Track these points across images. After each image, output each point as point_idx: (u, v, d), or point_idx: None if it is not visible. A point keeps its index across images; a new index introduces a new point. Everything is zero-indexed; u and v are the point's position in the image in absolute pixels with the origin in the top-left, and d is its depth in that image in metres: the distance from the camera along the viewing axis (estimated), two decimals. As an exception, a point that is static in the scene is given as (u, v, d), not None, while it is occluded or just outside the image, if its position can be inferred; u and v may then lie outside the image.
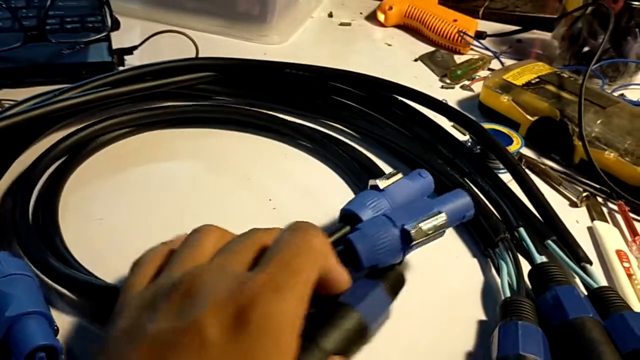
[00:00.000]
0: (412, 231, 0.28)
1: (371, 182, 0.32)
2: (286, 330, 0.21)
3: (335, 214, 0.32)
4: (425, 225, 0.29)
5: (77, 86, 0.42)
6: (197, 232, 0.26)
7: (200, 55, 0.52)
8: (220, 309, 0.20)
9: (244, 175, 0.42)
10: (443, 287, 0.33)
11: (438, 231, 0.29)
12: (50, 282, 0.31)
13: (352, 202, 0.32)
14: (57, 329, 0.27)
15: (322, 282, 0.24)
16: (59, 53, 0.51)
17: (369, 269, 0.29)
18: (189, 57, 0.49)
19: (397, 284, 0.28)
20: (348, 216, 0.32)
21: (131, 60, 0.53)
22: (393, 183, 0.32)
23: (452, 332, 0.31)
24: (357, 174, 0.41)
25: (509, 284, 0.32)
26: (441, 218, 0.29)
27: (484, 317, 0.32)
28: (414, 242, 0.28)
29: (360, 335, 0.25)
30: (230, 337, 0.20)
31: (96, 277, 0.31)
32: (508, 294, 0.31)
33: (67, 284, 0.31)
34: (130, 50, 0.53)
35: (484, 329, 0.31)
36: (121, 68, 0.52)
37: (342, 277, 0.25)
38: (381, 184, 0.32)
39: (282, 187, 0.41)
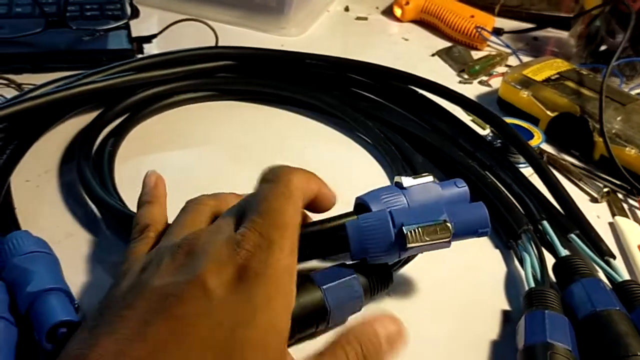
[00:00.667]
0: (408, 234, 0.27)
1: (396, 178, 0.31)
2: (283, 277, 0.22)
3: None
4: (425, 230, 0.27)
5: (100, 71, 0.42)
6: (193, 201, 0.28)
7: (219, 45, 0.52)
8: (221, 266, 0.22)
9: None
10: (466, 278, 0.33)
11: (439, 240, 0.27)
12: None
13: (368, 193, 0.31)
14: (78, 306, 0.27)
15: (310, 203, 0.28)
16: (79, 39, 0.51)
17: (360, 259, 0.29)
18: (210, 46, 0.49)
19: (376, 283, 0.29)
20: (361, 206, 0.31)
21: (150, 49, 0.54)
22: (420, 184, 0.31)
23: (477, 321, 0.31)
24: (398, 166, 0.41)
25: (532, 275, 0.32)
26: (445, 227, 0.27)
27: (507, 307, 0.32)
28: (409, 246, 0.27)
29: (318, 315, 0.27)
30: (232, 288, 0.21)
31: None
32: (532, 285, 0.31)
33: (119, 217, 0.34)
34: (149, 39, 0.54)
35: (508, 319, 0.31)
36: (140, 55, 0.52)
37: (328, 195, 0.29)
38: (405, 182, 0.31)
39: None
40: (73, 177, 0.38)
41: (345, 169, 0.43)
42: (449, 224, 0.28)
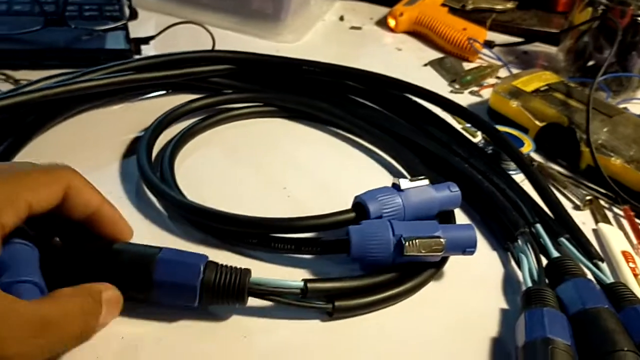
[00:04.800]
0: (406, 244, 0.31)
1: (394, 180, 0.34)
2: None
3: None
4: (422, 243, 0.31)
5: (99, 69, 0.43)
6: None
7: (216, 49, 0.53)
8: None
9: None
10: (465, 278, 0.34)
11: (432, 253, 0.31)
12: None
13: (366, 193, 0.34)
14: None
15: (92, 221, 0.27)
16: (78, 38, 0.51)
17: (357, 261, 0.32)
18: (208, 49, 0.50)
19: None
20: (358, 205, 0.34)
21: (147, 51, 0.54)
22: (416, 187, 0.34)
23: (476, 320, 0.32)
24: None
25: (530, 276, 0.33)
26: (439, 242, 0.31)
27: (505, 306, 0.33)
28: (407, 254, 0.31)
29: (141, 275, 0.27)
30: None
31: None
32: (530, 284, 0.32)
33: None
34: (147, 40, 0.54)
35: (506, 317, 0.32)
36: (138, 56, 0.52)
37: (114, 220, 0.28)
38: (403, 184, 0.34)
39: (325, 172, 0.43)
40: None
41: (346, 174, 0.43)
42: (442, 240, 0.31)
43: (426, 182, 0.35)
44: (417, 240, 0.31)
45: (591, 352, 0.28)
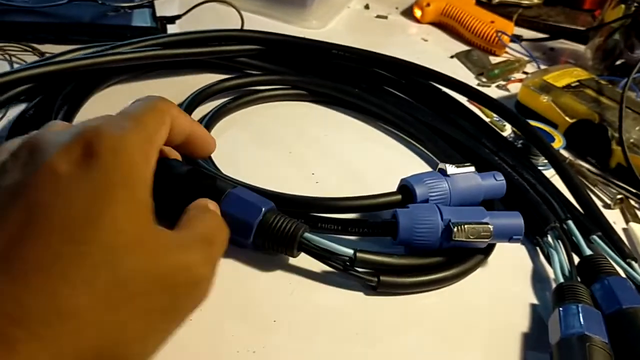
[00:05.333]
0: (455, 229, 0.30)
1: (440, 165, 0.34)
2: (134, 160, 0.21)
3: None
4: (470, 229, 0.30)
5: (129, 43, 0.42)
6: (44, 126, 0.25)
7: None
8: (68, 148, 0.20)
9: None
10: (494, 272, 0.33)
11: (479, 239, 0.31)
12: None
13: (413, 176, 0.33)
14: None
15: (187, 143, 0.28)
16: (104, 14, 0.51)
17: (404, 244, 0.31)
18: (237, 28, 0.49)
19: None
20: (404, 187, 0.33)
21: (172, 30, 0.53)
22: (462, 173, 0.34)
23: (505, 314, 0.31)
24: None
25: (561, 272, 0.32)
26: (487, 229, 0.31)
27: (535, 301, 0.32)
28: (454, 240, 0.30)
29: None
30: (82, 169, 0.20)
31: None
32: (561, 280, 0.32)
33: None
34: (173, 19, 0.53)
35: (537, 312, 0.32)
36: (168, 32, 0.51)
37: (204, 136, 0.29)
38: (449, 169, 0.33)
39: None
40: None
41: (376, 162, 0.43)
42: (490, 227, 0.31)
43: (472, 168, 0.34)
44: (465, 226, 0.30)
45: (628, 352, 0.27)
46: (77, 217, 0.19)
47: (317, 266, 0.30)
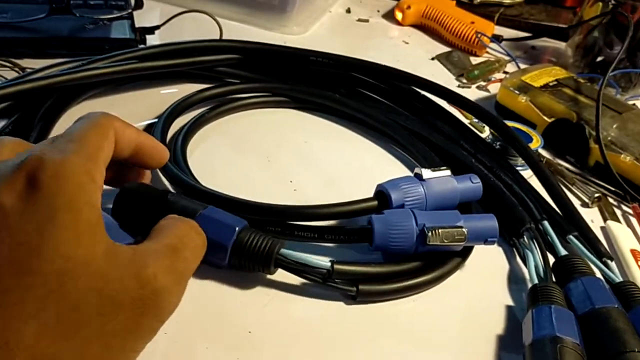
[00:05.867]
0: (429, 233, 0.31)
1: (417, 169, 0.34)
2: (78, 181, 0.21)
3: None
4: (444, 233, 0.31)
5: (105, 57, 0.42)
6: None
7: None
8: (11, 182, 0.20)
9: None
10: (470, 273, 0.34)
11: (454, 243, 0.31)
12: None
13: (389, 181, 0.34)
14: None
15: (136, 154, 0.27)
16: (82, 27, 0.51)
17: (380, 250, 0.32)
18: (215, 38, 0.49)
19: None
20: (381, 193, 0.34)
21: (152, 41, 0.53)
22: (438, 177, 0.34)
23: (481, 315, 0.32)
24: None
25: (536, 273, 0.33)
26: (461, 232, 0.31)
27: (511, 303, 0.33)
28: (428, 244, 0.31)
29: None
30: (27, 201, 0.19)
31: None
32: (536, 281, 0.32)
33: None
34: (152, 30, 0.54)
35: (512, 314, 0.32)
36: (143, 46, 0.52)
37: (154, 145, 0.28)
38: (425, 173, 0.33)
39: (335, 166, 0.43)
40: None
41: (355, 167, 0.43)
42: (464, 230, 0.31)
43: (448, 172, 0.35)
44: (440, 230, 0.31)
45: (601, 352, 0.28)
46: (23, 249, 0.19)
47: (295, 278, 0.31)
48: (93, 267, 0.20)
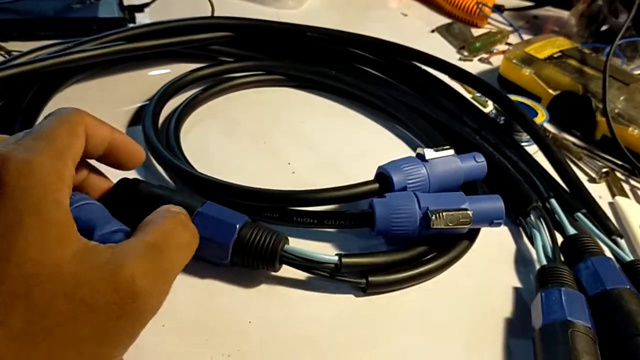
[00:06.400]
0: (433, 217, 0.29)
1: (419, 150, 0.33)
2: (45, 180, 0.20)
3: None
4: (448, 216, 0.29)
5: (93, 39, 0.41)
6: None
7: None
8: None
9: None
10: (476, 255, 0.33)
11: (459, 226, 0.30)
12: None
13: (390, 163, 0.32)
14: None
15: (109, 153, 0.25)
16: (69, 7, 0.49)
17: (382, 234, 0.31)
18: (206, 16, 0.47)
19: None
20: (382, 175, 0.32)
21: (141, 19, 0.52)
22: (441, 157, 0.32)
23: (489, 299, 0.31)
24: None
25: (544, 253, 0.32)
26: (466, 215, 0.30)
27: (519, 285, 0.32)
28: (434, 227, 0.29)
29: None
30: None
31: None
32: (544, 262, 0.31)
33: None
34: (141, 8, 0.52)
35: (520, 296, 0.31)
36: (132, 25, 0.50)
37: (128, 144, 0.26)
38: (427, 154, 0.32)
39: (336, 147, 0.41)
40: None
41: (355, 147, 0.42)
42: (469, 212, 0.30)
43: (451, 152, 0.33)
44: (444, 213, 0.29)
45: (613, 335, 0.27)
46: None
47: (300, 273, 0.29)
48: (62, 270, 0.19)
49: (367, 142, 0.42)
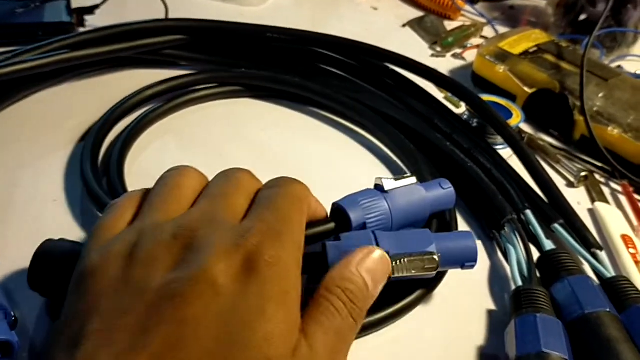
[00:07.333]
0: (394, 263, 0.25)
1: (376, 179, 0.29)
2: (290, 274, 0.21)
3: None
4: (412, 262, 0.26)
5: (33, 48, 0.38)
6: (174, 171, 0.25)
7: (170, 17, 0.47)
8: (228, 258, 0.20)
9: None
10: (448, 276, 0.30)
11: (424, 273, 0.26)
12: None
13: (346, 198, 0.28)
14: (16, 320, 0.24)
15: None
16: (12, 12, 0.46)
17: None
18: (158, 19, 0.44)
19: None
20: (338, 211, 0.28)
21: (92, 22, 0.48)
22: (402, 187, 0.28)
23: (461, 324, 0.28)
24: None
25: (519, 271, 0.30)
26: (432, 260, 0.26)
27: (493, 307, 0.30)
28: (393, 277, 0.25)
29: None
30: (241, 284, 0.19)
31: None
32: (519, 282, 0.29)
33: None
34: (91, 10, 0.48)
35: (494, 320, 0.29)
36: (82, 29, 0.47)
37: (322, 213, 0.27)
38: (387, 184, 0.28)
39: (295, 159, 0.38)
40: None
41: (323, 162, 0.39)
42: (435, 257, 0.26)
43: (413, 180, 0.29)
44: (406, 259, 0.25)
45: (592, 363, 0.25)
46: (228, 337, 0.18)
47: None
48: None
49: (332, 153, 0.39)
